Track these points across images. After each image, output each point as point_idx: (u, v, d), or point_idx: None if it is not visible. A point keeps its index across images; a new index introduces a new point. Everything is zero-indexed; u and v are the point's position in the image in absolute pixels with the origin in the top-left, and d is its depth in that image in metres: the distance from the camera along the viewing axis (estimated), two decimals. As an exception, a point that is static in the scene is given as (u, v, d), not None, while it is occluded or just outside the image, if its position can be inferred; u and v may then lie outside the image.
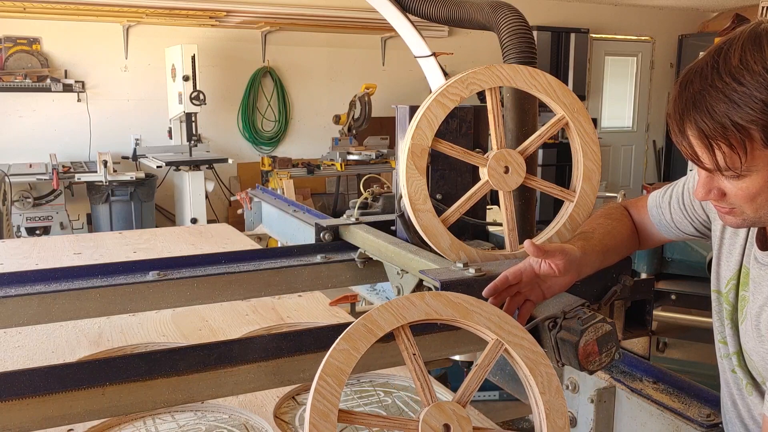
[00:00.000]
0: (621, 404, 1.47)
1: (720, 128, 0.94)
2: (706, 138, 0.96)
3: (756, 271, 1.13)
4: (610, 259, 1.30)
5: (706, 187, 1.04)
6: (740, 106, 0.93)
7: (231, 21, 7.15)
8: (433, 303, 1.07)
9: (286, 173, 6.50)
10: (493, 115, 1.26)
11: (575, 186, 1.33)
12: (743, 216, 1.04)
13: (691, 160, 1.01)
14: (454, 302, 1.08)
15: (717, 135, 0.95)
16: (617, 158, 10.09)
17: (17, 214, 5.70)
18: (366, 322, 1.02)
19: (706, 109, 0.95)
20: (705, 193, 1.04)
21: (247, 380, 1.16)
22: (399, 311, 1.04)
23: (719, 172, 0.99)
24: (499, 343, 1.06)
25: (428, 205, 1.27)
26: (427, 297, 1.07)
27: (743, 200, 1.01)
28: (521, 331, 1.08)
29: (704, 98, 0.95)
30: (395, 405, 1.60)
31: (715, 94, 0.94)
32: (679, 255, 3.22)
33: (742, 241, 1.18)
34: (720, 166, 0.98)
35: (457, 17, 1.79)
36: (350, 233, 1.70)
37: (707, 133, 0.96)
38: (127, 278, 1.45)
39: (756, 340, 1.11)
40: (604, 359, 1.19)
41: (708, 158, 0.98)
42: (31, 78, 6.33)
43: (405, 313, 1.04)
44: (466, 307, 1.07)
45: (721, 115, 0.94)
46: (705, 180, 1.03)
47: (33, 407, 1.02)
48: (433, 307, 1.06)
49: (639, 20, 9.86)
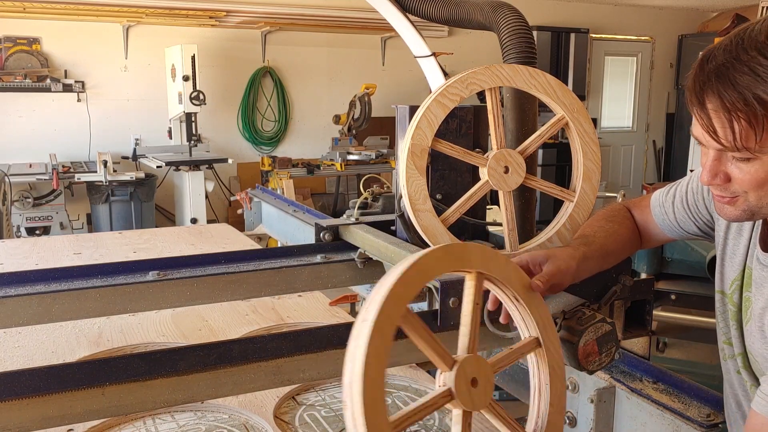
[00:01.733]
0: (621, 404, 1.47)
1: (742, 100, 0.92)
2: (727, 110, 0.94)
3: (758, 272, 1.13)
4: (610, 262, 1.30)
5: (712, 171, 1.02)
6: (764, 80, 0.91)
7: (231, 21, 7.15)
8: (511, 274, 1.06)
9: (286, 173, 6.50)
10: (493, 115, 1.26)
11: (575, 186, 1.33)
12: (745, 205, 1.03)
13: (707, 134, 0.99)
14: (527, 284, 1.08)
15: (738, 107, 0.93)
16: (617, 158, 10.09)
17: (17, 214, 5.69)
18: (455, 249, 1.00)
19: (730, 80, 0.93)
20: (711, 177, 1.03)
21: (247, 380, 1.16)
22: (487, 260, 1.03)
23: (733, 150, 0.97)
24: (538, 343, 1.06)
25: (428, 205, 1.27)
26: (510, 266, 1.06)
27: (749, 186, 1.00)
28: (558, 342, 1.07)
29: (728, 70, 0.94)
30: (395, 405, 1.60)
31: (740, 66, 0.93)
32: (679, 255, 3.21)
33: (746, 241, 1.18)
34: (736, 143, 0.95)
35: (457, 17, 1.79)
36: (350, 233, 1.70)
37: (728, 105, 0.94)
38: (127, 278, 1.44)
39: (760, 342, 1.11)
40: (604, 359, 1.20)
41: (724, 133, 0.96)
42: (31, 78, 6.33)
43: (491, 264, 1.03)
44: (531, 293, 1.07)
45: (745, 87, 0.92)
46: (713, 163, 1.02)
47: (33, 407, 1.02)
48: (508, 277, 1.05)
49: (639, 20, 9.86)
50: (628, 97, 10.22)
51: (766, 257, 1.12)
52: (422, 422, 1.52)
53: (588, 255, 1.22)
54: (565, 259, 1.17)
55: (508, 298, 1.08)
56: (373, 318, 0.86)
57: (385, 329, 0.86)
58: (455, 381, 0.93)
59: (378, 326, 0.85)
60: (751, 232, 1.17)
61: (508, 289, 1.07)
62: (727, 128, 0.95)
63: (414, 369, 1.77)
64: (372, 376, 0.84)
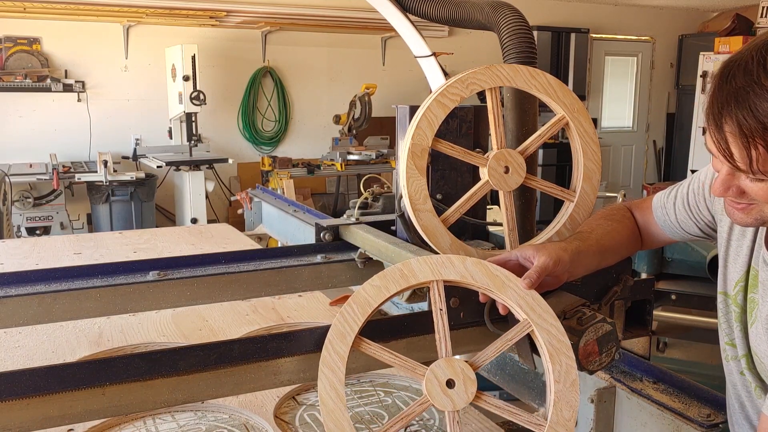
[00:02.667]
0: (621, 404, 1.47)
1: (761, 128, 0.92)
2: (744, 136, 0.93)
3: (765, 274, 1.13)
4: (608, 260, 1.30)
5: (725, 185, 1.02)
6: None
7: (231, 21, 7.15)
8: (472, 268, 1.11)
9: (286, 173, 6.50)
10: (493, 115, 1.26)
11: (575, 186, 1.33)
12: (758, 214, 1.03)
13: (722, 156, 0.98)
14: (492, 273, 1.12)
15: (757, 134, 0.92)
16: (617, 158, 10.08)
17: (17, 214, 5.69)
18: (403, 268, 1.09)
19: (749, 106, 0.92)
20: (723, 191, 1.02)
21: (247, 380, 1.16)
22: (437, 267, 1.10)
23: (748, 173, 0.97)
24: (527, 323, 1.10)
25: (428, 205, 1.27)
26: (468, 261, 1.11)
27: (763, 199, 1.00)
28: (552, 318, 1.11)
29: (748, 95, 0.93)
30: (395, 405, 1.59)
31: (760, 92, 0.92)
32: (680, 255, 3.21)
33: (750, 242, 1.17)
34: (752, 168, 0.95)
35: (457, 17, 1.78)
36: (350, 233, 1.70)
37: (746, 131, 0.93)
38: (127, 278, 1.44)
39: (767, 343, 1.11)
40: (604, 359, 1.19)
41: (741, 156, 0.95)
42: (31, 78, 6.33)
43: (442, 270, 1.10)
44: (503, 281, 1.11)
45: (764, 115, 0.91)
46: (725, 177, 1.01)
47: (33, 407, 1.02)
48: (471, 272, 1.11)
49: (639, 20, 9.85)
50: (629, 97, 10.22)
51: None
52: (422, 422, 1.52)
53: (582, 249, 1.22)
54: (556, 251, 1.17)
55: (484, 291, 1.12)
56: (321, 358, 1.04)
57: (333, 365, 1.03)
58: (426, 387, 1.04)
59: (325, 364, 1.03)
60: (756, 233, 1.17)
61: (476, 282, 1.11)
62: (744, 153, 0.95)
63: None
64: (330, 407, 1.02)
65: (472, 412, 1.50)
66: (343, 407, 1.02)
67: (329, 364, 1.03)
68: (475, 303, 1.20)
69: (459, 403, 1.04)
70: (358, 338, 1.05)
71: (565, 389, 1.08)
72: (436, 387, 1.04)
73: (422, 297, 1.45)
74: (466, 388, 1.04)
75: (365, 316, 1.06)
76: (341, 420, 1.01)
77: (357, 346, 1.05)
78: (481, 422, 1.47)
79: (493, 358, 1.09)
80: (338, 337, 1.04)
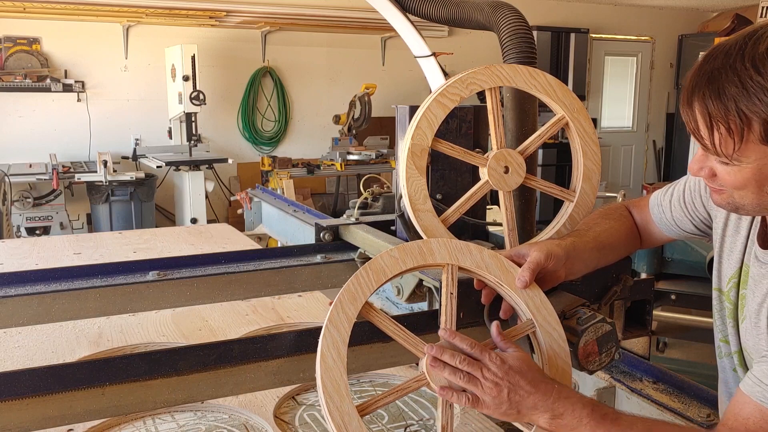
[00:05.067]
0: (621, 404, 1.47)
1: (724, 110, 0.95)
2: (708, 115, 0.97)
3: (756, 269, 1.13)
4: (607, 257, 1.30)
5: (699, 163, 1.05)
6: (750, 95, 0.93)
7: (231, 21, 7.15)
8: (488, 260, 1.12)
9: (286, 173, 6.50)
10: (493, 115, 1.26)
11: (575, 186, 1.33)
12: (729, 199, 1.06)
13: (691, 133, 1.02)
14: (506, 269, 1.13)
15: (719, 116, 0.96)
16: (617, 158, 10.08)
17: (17, 214, 5.69)
18: (423, 246, 1.10)
19: (718, 88, 0.95)
20: (697, 169, 1.06)
21: (247, 380, 1.17)
22: (455, 252, 1.11)
23: (713, 153, 1.00)
24: (531, 323, 1.11)
25: (428, 205, 1.27)
26: (486, 253, 1.12)
27: (730, 185, 1.03)
28: (555, 323, 1.12)
29: (720, 77, 0.95)
30: (395, 405, 1.60)
31: (732, 76, 0.94)
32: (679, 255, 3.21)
33: (743, 239, 1.18)
34: (715, 149, 0.99)
35: (457, 17, 1.78)
36: (350, 233, 1.70)
37: (711, 111, 0.96)
38: (127, 278, 1.45)
39: (755, 339, 1.11)
40: (604, 359, 1.20)
41: (707, 135, 0.99)
42: (31, 78, 6.32)
43: (460, 255, 1.11)
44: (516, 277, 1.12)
45: (729, 98, 0.94)
46: (700, 156, 1.05)
47: (33, 407, 1.02)
48: (486, 263, 1.12)
49: (639, 20, 9.85)
50: (628, 97, 10.21)
51: (764, 254, 1.12)
52: (422, 422, 1.52)
53: (578, 245, 1.22)
54: (547, 246, 1.18)
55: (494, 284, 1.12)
56: (327, 316, 1.02)
57: (340, 325, 1.02)
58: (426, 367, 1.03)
59: (332, 323, 1.01)
60: (749, 229, 1.17)
61: (489, 275, 1.11)
62: (708, 132, 0.98)
63: (414, 369, 1.77)
64: (329, 363, 1.00)
65: (473, 413, 1.50)
66: (342, 367, 1.00)
67: (336, 323, 1.02)
68: (474, 303, 1.20)
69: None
70: (368, 304, 1.05)
71: None
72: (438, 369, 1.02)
73: (422, 297, 1.45)
74: None
75: (378, 283, 1.06)
76: (338, 379, 1.00)
77: (365, 312, 1.05)
78: (481, 422, 1.48)
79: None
80: (349, 298, 1.03)
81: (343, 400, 0.98)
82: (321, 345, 1.01)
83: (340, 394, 0.99)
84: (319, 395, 1.00)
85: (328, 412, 0.98)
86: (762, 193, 1.01)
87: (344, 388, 0.99)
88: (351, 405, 0.99)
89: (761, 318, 1.09)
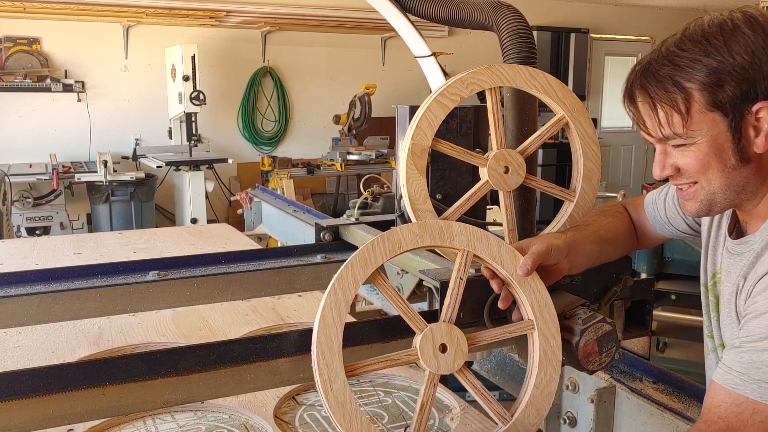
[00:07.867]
0: (621, 404, 1.47)
1: (663, 89, 1.01)
2: (650, 99, 1.03)
3: (727, 260, 1.15)
4: (606, 252, 1.30)
5: (660, 163, 1.08)
6: (682, 68, 1.00)
7: (231, 21, 7.15)
8: (504, 254, 1.13)
9: (286, 173, 6.50)
10: (493, 115, 1.26)
11: (575, 186, 1.33)
12: (702, 194, 1.07)
13: (640, 128, 1.08)
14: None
15: (661, 96, 1.02)
16: (617, 158, 10.08)
17: (17, 214, 5.69)
18: (444, 227, 1.11)
19: (652, 73, 1.03)
20: (660, 169, 1.09)
21: (247, 380, 1.17)
22: (473, 239, 1.12)
23: (664, 139, 1.04)
24: (531, 324, 1.12)
25: (428, 205, 1.27)
26: (504, 246, 1.14)
27: (695, 171, 1.05)
28: (555, 328, 1.13)
29: (651, 65, 1.04)
30: (395, 405, 1.59)
31: (661, 60, 1.03)
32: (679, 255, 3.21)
33: (724, 234, 1.19)
34: (662, 131, 1.03)
35: (457, 17, 1.78)
36: (350, 233, 1.70)
37: (652, 95, 1.02)
38: (127, 278, 1.45)
39: (730, 329, 1.12)
40: (604, 359, 1.20)
41: (652, 123, 1.04)
42: (31, 78, 6.32)
43: (477, 244, 1.12)
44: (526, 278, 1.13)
45: (665, 77, 1.01)
46: (659, 156, 1.09)
47: (33, 407, 1.02)
48: (502, 257, 1.13)
49: (639, 20, 9.86)
50: (628, 97, 10.21)
51: (733, 245, 1.14)
52: (422, 422, 1.51)
53: (578, 238, 1.23)
54: (548, 238, 1.19)
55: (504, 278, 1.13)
56: (337, 276, 1.02)
57: (346, 286, 1.02)
58: (420, 342, 1.05)
59: (339, 282, 1.01)
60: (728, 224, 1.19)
61: (502, 269, 1.12)
62: (654, 118, 1.03)
63: (414, 369, 1.77)
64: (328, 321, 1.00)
65: (473, 413, 1.50)
66: (340, 327, 1.01)
67: (343, 284, 1.02)
68: (474, 303, 1.20)
69: (444, 368, 1.06)
70: (377, 272, 1.05)
71: (541, 398, 1.10)
72: (429, 346, 1.05)
73: (422, 297, 1.45)
74: (456, 358, 1.06)
75: (393, 254, 1.06)
76: (333, 338, 1.01)
77: (373, 278, 1.05)
78: (481, 422, 1.47)
79: (489, 342, 1.11)
80: (361, 262, 1.04)
81: (334, 358, 1.00)
82: (323, 302, 1.01)
83: (332, 352, 1.01)
84: (312, 350, 1.01)
85: (317, 366, 1.00)
86: (726, 169, 1.03)
87: (338, 347, 1.01)
88: (341, 365, 1.00)
89: (731, 307, 1.10)
